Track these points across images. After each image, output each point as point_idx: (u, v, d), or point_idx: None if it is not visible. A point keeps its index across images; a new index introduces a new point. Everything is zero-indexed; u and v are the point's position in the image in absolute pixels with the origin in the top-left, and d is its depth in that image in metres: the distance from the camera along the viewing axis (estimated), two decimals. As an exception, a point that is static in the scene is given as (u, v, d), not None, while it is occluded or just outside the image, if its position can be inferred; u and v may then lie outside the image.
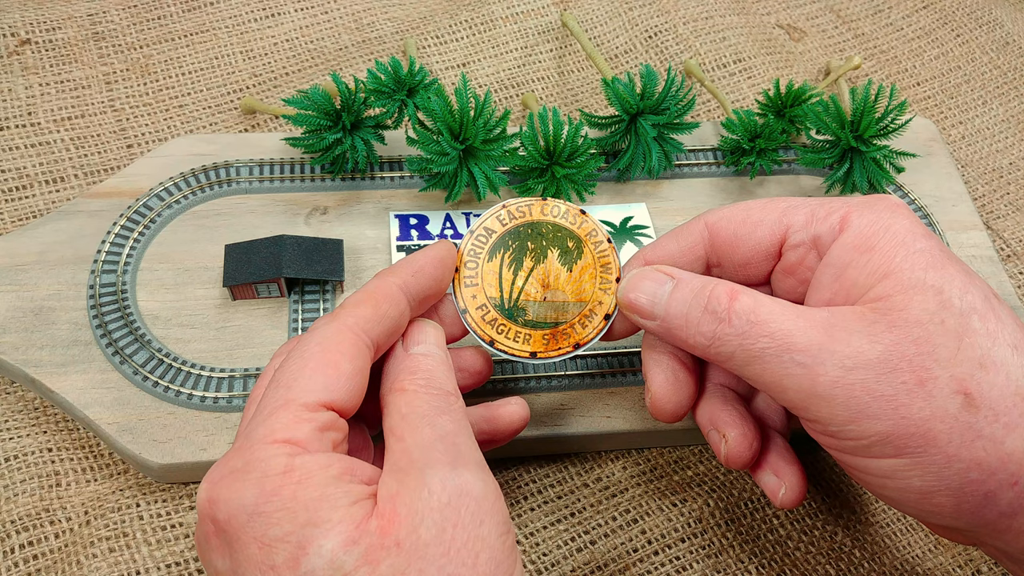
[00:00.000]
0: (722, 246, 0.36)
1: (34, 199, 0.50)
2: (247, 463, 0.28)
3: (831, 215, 0.34)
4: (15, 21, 0.56)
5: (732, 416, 0.36)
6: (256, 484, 0.27)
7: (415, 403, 0.31)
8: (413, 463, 0.29)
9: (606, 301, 0.36)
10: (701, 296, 0.33)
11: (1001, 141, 0.60)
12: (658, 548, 0.41)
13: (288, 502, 0.27)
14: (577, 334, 0.36)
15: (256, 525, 0.27)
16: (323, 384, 0.30)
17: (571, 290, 0.36)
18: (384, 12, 0.61)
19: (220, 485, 0.28)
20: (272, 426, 0.29)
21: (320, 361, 0.30)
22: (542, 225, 0.37)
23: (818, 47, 0.64)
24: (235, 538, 0.27)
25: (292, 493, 0.27)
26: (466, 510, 0.27)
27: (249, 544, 0.26)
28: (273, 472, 0.27)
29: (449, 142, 0.46)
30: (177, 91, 0.56)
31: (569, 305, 0.36)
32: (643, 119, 0.49)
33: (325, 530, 0.26)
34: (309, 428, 0.29)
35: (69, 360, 0.42)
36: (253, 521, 0.27)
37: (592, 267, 0.37)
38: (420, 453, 0.29)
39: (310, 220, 0.48)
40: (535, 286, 0.36)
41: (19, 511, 0.40)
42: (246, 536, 0.27)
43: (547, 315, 0.36)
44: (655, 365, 0.36)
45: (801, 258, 0.35)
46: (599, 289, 0.36)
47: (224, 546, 0.27)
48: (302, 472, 0.27)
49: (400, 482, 0.28)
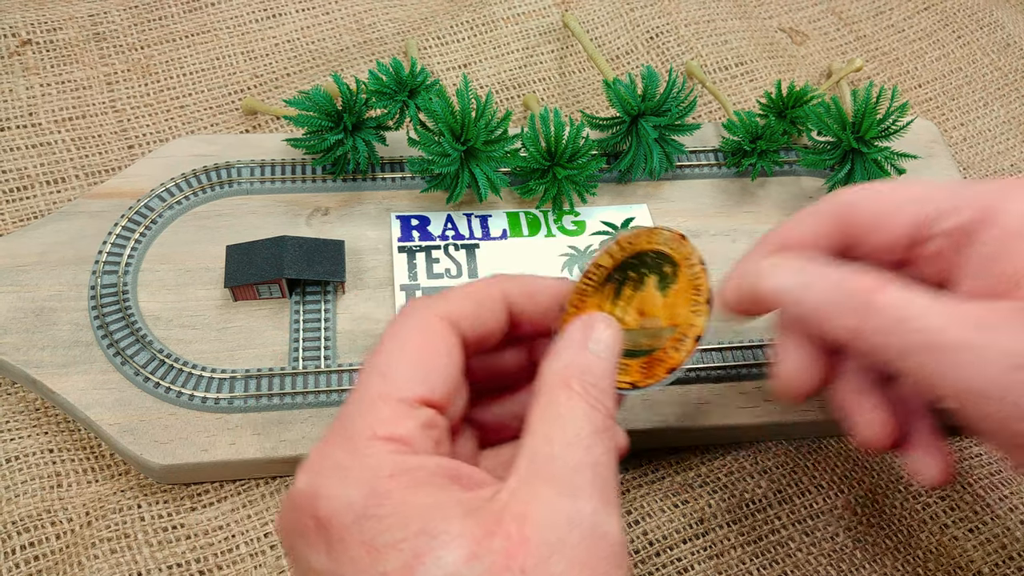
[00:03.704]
0: (860, 229, 0.34)
1: (35, 200, 0.50)
2: (352, 459, 0.26)
3: (978, 199, 0.31)
4: (16, 22, 0.56)
5: (869, 400, 0.34)
6: (364, 484, 0.26)
7: (576, 411, 0.28)
8: (555, 481, 0.26)
9: (697, 323, 0.34)
10: (843, 287, 0.30)
11: (1003, 143, 0.60)
12: (660, 549, 0.41)
13: (399, 507, 0.25)
14: (671, 358, 0.34)
15: (364, 528, 0.25)
16: (423, 378, 0.28)
17: (665, 315, 0.35)
18: (385, 13, 0.61)
19: (323, 478, 0.26)
20: (373, 420, 0.27)
21: (419, 352, 0.28)
22: (646, 255, 0.36)
23: (820, 50, 0.64)
24: (338, 538, 0.25)
25: (403, 498, 0.25)
26: (603, 556, 0.25)
27: (355, 547, 0.25)
28: (382, 474, 0.26)
29: (450, 143, 0.46)
30: (178, 92, 0.56)
31: (663, 330, 0.35)
32: (644, 120, 0.49)
33: (443, 542, 0.24)
34: (413, 425, 0.27)
35: (70, 361, 0.42)
36: (361, 524, 0.25)
37: (685, 290, 0.35)
38: (567, 473, 0.26)
39: (311, 221, 0.48)
40: (632, 314, 0.35)
41: (20, 512, 0.40)
42: (352, 538, 0.25)
43: (642, 342, 0.35)
44: (787, 347, 0.34)
45: (943, 246, 0.33)
46: (690, 312, 0.35)
47: (323, 543, 0.26)
48: (411, 476, 0.26)
49: (535, 499, 0.25)
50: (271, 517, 0.41)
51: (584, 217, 0.50)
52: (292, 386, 0.42)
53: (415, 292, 0.46)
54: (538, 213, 0.50)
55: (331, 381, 0.42)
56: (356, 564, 0.25)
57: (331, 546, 0.25)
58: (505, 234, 0.49)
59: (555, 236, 0.49)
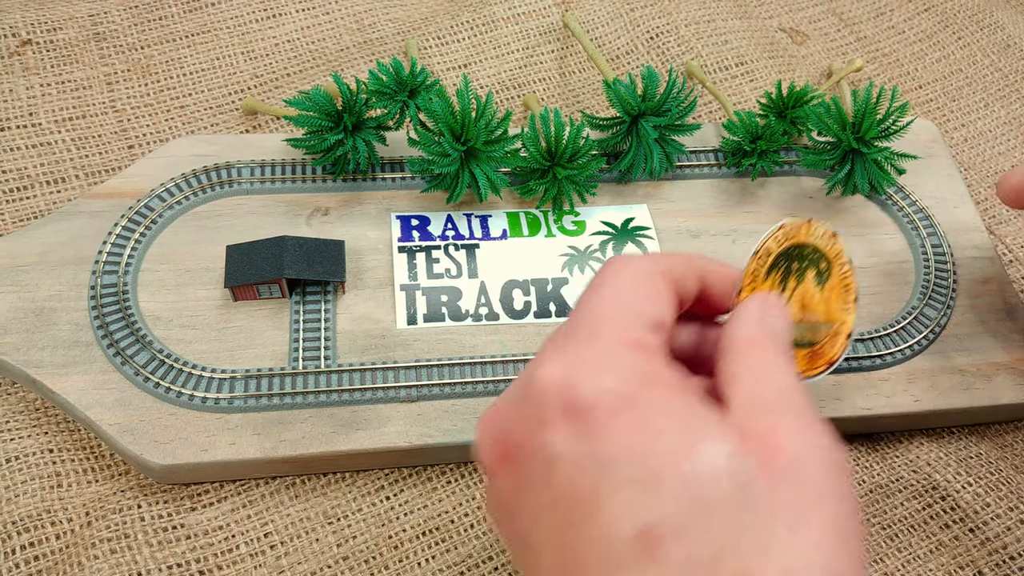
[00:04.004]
0: None
1: (35, 200, 0.50)
2: (604, 357, 0.27)
3: None
4: (16, 22, 0.56)
5: None
6: (623, 378, 0.26)
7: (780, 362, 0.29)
8: (787, 410, 0.27)
9: (848, 321, 0.36)
10: None
11: (1003, 143, 0.60)
12: (660, 550, 0.41)
13: (660, 402, 0.26)
14: (829, 352, 0.35)
15: (629, 413, 0.26)
16: (658, 307, 0.29)
17: (821, 310, 0.36)
18: (385, 13, 0.61)
19: (577, 367, 0.27)
20: (621, 327, 0.28)
21: (651, 286, 0.30)
22: (806, 247, 0.37)
23: (820, 50, 0.64)
24: (597, 422, 0.26)
25: (661, 396, 0.26)
26: (840, 466, 0.26)
27: (619, 431, 0.25)
28: (637, 372, 0.27)
29: (450, 143, 0.46)
30: (178, 92, 0.56)
31: (821, 325, 0.36)
32: (644, 120, 0.49)
33: (710, 435, 0.25)
34: (657, 339, 0.28)
35: (70, 361, 0.42)
36: (626, 410, 0.26)
37: (837, 287, 0.37)
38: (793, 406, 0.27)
39: (311, 221, 0.48)
40: (795, 307, 0.36)
41: (20, 512, 0.40)
42: (616, 423, 0.26)
43: (804, 336, 0.36)
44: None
45: None
46: (842, 309, 0.36)
47: (577, 428, 0.26)
48: (662, 380, 0.27)
49: (776, 420, 0.26)
50: (271, 517, 0.41)
51: (584, 217, 0.50)
52: (292, 386, 0.42)
53: (415, 292, 0.46)
54: (538, 213, 0.50)
55: (331, 381, 0.42)
56: (621, 446, 0.25)
57: (588, 430, 0.26)
58: (505, 234, 0.49)
59: (555, 236, 0.49)
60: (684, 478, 0.24)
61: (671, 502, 0.24)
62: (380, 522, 0.41)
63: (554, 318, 0.46)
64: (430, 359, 0.43)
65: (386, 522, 0.41)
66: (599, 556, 0.25)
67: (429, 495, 0.42)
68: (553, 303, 0.46)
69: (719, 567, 0.23)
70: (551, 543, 0.26)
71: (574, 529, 0.25)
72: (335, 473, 0.43)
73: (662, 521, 0.24)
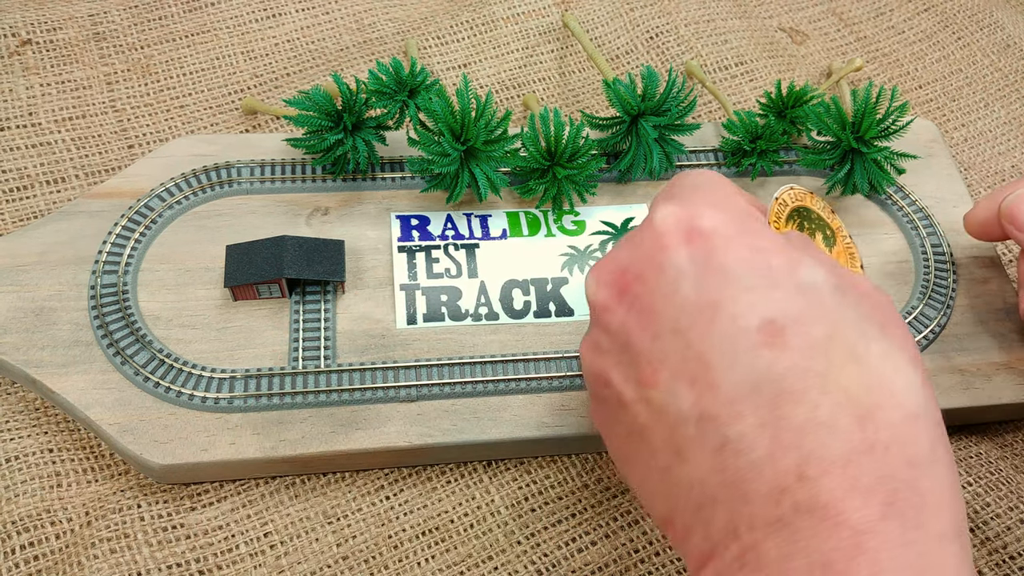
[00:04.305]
0: None
1: (35, 199, 0.50)
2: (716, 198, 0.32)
3: None
4: (16, 21, 0.56)
5: None
6: (734, 214, 0.32)
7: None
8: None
9: None
10: None
11: (1003, 144, 0.60)
12: (660, 549, 0.41)
13: (766, 232, 0.32)
14: None
15: (744, 238, 0.31)
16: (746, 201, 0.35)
17: None
18: (385, 13, 0.61)
19: (693, 207, 0.32)
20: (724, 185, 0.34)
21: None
22: (812, 212, 0.41)
23: (820, 50, 0.64)
24: (716, 245, 0.30)
25: (767, 230, 0.32)
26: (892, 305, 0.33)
27: (738, 249, 0.30)
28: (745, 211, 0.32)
29: (450, 143, 0.46)
30: (178, 91, 0.56)
31: None
32: (644, 120, 0.49)
33: (811, 261, 0.31)
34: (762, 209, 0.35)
35: (70, 361, 0.42)
36: (740, 235, 0.31)
37: (844, 254, 0.41)
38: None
39: (311, 221, 0.48)
40: None
41: (20, 512, 0.40)
42: (733, 244, 0.30)
43: None
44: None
45: None
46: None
47: (696, 248, 0.31)
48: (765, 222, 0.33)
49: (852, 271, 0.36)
50: (271, 517, 0.41)
51: (584, 217, 0.50)
52: (292, 386, 0.42)
53: (415, 292, 0.46)
54: (538, 213, 0.50)
55: (331, 381, 0.42)
56: (741, 261, 0.30)
57: (710, 250, 0.30)
58: (505, 234, 0.49)
59: (555, 236, 0.49)
60: (796, 284, 0.30)
61: (787, 300, 0.29)
62: (380, 522, 0.41)
63: (554, 318, 0.46)
64: (430, 359, 0.43)
65: (386, 522, 0.41)
66: (726, 346, 0.29)
67: (429, 495, 0.42)
68: (553, 303, 0.46)
69: (832, 347, 0.28)
70: (675, 349, 0.30)
71: (701, 329, 0.29)
72: (335, 473, 0.43)
73: (783, 314, 0.29)
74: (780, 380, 0.28)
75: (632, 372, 0.31)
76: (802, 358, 0.28)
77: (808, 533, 0.26)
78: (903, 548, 0.26)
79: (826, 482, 0.26)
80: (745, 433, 0.28)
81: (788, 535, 0.27)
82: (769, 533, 0.27)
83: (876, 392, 0.28)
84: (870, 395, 0.28)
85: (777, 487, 0.27)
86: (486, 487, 0.43)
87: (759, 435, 0.27)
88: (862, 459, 0.27)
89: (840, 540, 0.26)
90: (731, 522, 0.28)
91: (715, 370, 0.29)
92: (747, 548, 0.27)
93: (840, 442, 0.27)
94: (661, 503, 0.31)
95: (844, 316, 0.29)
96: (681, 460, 0.29)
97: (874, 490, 0.26)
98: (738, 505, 0.28)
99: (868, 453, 0.27)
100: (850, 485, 0.26)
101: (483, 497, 0.43)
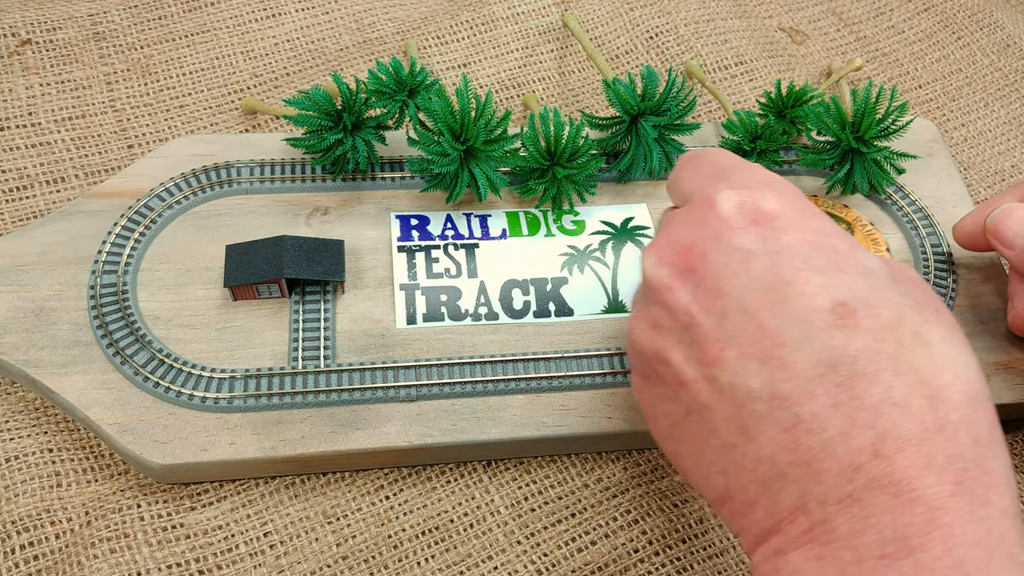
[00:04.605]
0: None
1: (35, 199, 0.50)
2: (772, 183, 0.34)
3: None
4: (16, 21, 0.56)
5: None
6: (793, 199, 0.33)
7: None
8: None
9: None
10: None
11: (1003, 143, 0.60)
12: (659, 548, 0.41)
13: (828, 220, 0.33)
14: None
15: (809, 222, 0.32)
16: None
17: None
18: (385, 12, 0.61)
19: (753, 190, 0.33)
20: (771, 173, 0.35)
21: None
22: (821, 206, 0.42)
23: (820, 50, 0.64)
24: (783, 227, 0.31)
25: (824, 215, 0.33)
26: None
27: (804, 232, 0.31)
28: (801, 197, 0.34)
29: (450, 143, 0.46)
30: (178, 91, 0.56)
31: None
32: (644, 120, 0.49)
33: (865, 248, 0.32)
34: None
35: (70, 360, 0.42)
36: (804, 219, 0.32)
37: (866, 241, 0.43)
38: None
39: (311, 220, 0.48)
40: None
41: (20, 511, 0.40)
42: (800, 227, 0.32)
43: None
44: (1019, 289, 0.45)
45: None
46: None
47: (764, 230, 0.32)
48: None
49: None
50: (271, 516, 0.41)
51: (584, 217, 0.50)
52: (291, 386, 0.42)
53: (415, 292, 0.46)
54: (538, 213, 0.50)
55: (330, 381, 0.42)
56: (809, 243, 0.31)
57: (778, 232, 0.31)
58: (505, 234, 0.49)
59: (555, 236, 0.49)
60: (860, 268, 0.31)
61: (855, 283, 0.30)
62: (379, 521, 0.41)
63: (553, 318, 0.46)
64: (429, 359, 0.43)
65: (385, 521, 0.41)
66: (798, 327, 0.29)
67: (428, 495, 0.42)
68: (552, 303, 0.46)
69: (900, 330, 0.29)
70: (743, 328, 0.30)
71: (772, 309, 0.30)
72: (334, 473, 0.43)
73: (852, 297, 0.29)
74: (853, 361, 0.28)
75: (695, 351, 0.31)
76: (874, 340, 0.29)
77: (881, 509, 0.27)
78: (973, 524, 0.27)
79: (900, 460, 0.27)
80: (817, 412, 0.28)
81: (860, 511, 0.27)
82: (840, 509, 0.28)
83: (943, 373, 0.29)
84: (938, 376, 0.29)
85: (851, 464, 0.28)
86: (486, 487, 0.43)
87: (832, 414, 0.28)
88: (935, 438, 0.28)
89: (914, 516, 0.27)
90: (801, 498, 0.29)
91: (787, 349, 0.29)
92: (816, 523, 0.28)
93: (913, 422, 0.28)
94: (719, 479, 0.31)
95: (904, 301, 0.30)
96: (747, 438, 0.30)
97: (945, 468, 0.27)
98: (809, 482, 0.28)
99: (939, 432, 0.28)
100: (924, 463, 0.27)
101: (483, 497, 0.43)
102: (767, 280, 0.30)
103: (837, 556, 0.28)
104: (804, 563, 0.28)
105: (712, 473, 0.32)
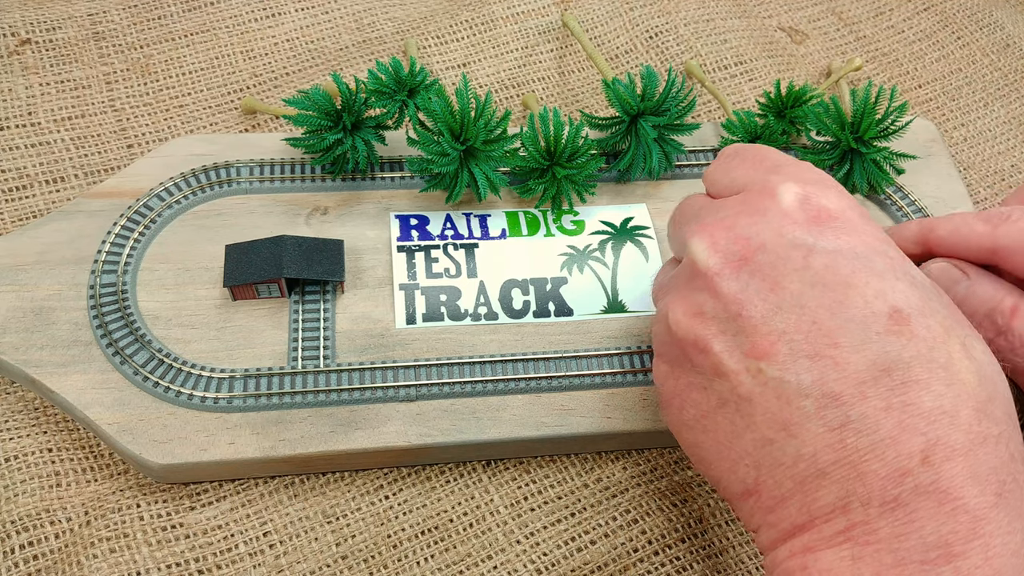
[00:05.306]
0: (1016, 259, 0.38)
1: (34, 199, 0.50)
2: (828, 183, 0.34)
3: None
4: (15, 21, 0.56)
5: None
6: (850, 200, 0.33)
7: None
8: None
9: None
10: (987, 303, 0.38)
11: (1003, 143, 0.60)
12: (658, 548, 0.41)
13: (880, 227, 0.34)
14: None
15: (869, 225, 0.33)
16: None
17: None
18: (385, 12, 0.61)
19: (813, 187, 0.33)
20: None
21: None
22: None
23: (820, 50, 0.64)
24: (844, 227, 0.32)
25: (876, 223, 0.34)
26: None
27: (865, 235, 0.32)
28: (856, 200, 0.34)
29: (450, 143, 0.46)
30: (177, 91, 0.56)
31: None
32: (644, 120, 0.49)
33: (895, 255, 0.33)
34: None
35: (69, 360, 0.42)
36: (864, 221, 0.33)
37: None
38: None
39: (311, 220, 0.48)
40: None
41: (19, 511, 0.40)
42: (861, 228, 0.32)
43: None
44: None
45: None
46: None
47: (825, 227, 0.32)
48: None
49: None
50: (270, 516, 0.41)
51: (583, 217, 0.50)
52: (291, 385, 0.42)
53: (414, 292, 0.46)
54: (537, 213, 0.50)
55: (330, 381, 0.42)
56: (870, 246, 0.32)
57: (839, 231, 0.32)
58: (504, 234, 0.49)
59: (554, 236, 0.49)
60: (911, 277, 0.31)
61: (909, 291, 0.30)
62: (379, 521, 0.41)
63: (553, 318, 0.46)
64: (429, 359, 0.43)
65: (385, 521, 0.41)
66: (855, 328, 0.30)
67: (428, 495, 0.42)
68: (552, 303, 0.46)
69: (949, 341, 0.30)
70: (798, 324, 0.30)
71: (830, 307, 0.30)
72: (334, 472, 0.43)
73: (907, 304, 0.30)
74: (908, 368, 0.29)
75: (741, 341, 0.31)
76: (927, 348, 0.29)
77: (926, 515, 0.28)
78: (1011, 535, 0.28)
79: (948, 468, 0.28)
80: (868, 414, 0.29)
81: (904, 515, 0.28)
82: (884, 512, 0.28)
83: (987, 387, 0.29)
84: (983, 389, 0.29)
85: (898, 469, 0.28)
86: (485, 487, 0.43)
87: (883, 417, 0.28)
88: (979, 450, 0.28)
89: (958, 524, 0.27)
90: (842, 498, 0.29)
91: (842, 349, 0.29)
92: (856, 524, 0.28)
93: (961, 432, 0.28)
94: (748, 473, 0.31)
95: (948, 313, 0.31)
96: (789, 434, 0.30)
97: (988, 480, 0.28)
98: (853, 483, 0.29)
99: (983, 444, 0.28)
100: (970, 473, 0.28)
101: (482, 497, 0.43)
102: (827, 279, 0.30)
103: (875, 558, 0.28)
104: (837, 562, 0.28)
105: (741, 466, 0.32)
